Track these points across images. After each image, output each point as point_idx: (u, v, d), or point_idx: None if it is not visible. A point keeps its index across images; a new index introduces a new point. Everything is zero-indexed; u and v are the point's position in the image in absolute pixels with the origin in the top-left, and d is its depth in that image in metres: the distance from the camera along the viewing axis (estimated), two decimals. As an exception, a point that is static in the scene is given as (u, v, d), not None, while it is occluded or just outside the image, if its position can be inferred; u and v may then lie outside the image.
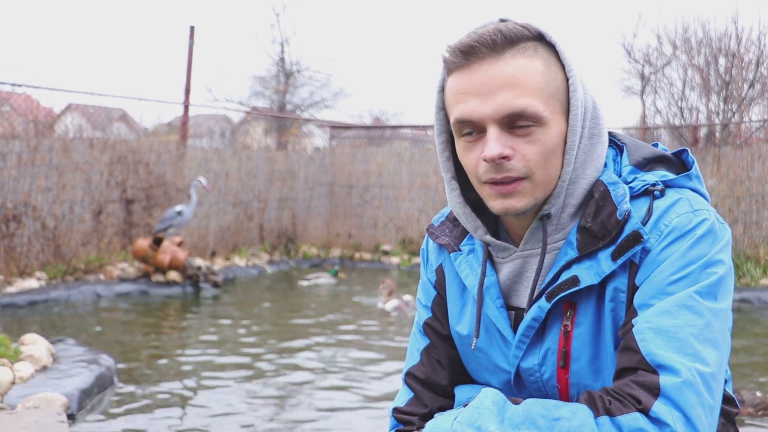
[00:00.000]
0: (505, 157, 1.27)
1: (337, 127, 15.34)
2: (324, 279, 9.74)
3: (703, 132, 12.64)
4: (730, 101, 12.50)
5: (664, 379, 1.18)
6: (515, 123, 1.28)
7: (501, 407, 1.23)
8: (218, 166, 11.06)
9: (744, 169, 10.32)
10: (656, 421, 1.16)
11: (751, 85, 12.42)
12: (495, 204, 1.32)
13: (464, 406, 1.30)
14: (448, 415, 1.28)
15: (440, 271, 1.55)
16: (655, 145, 1.45)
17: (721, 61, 12.78)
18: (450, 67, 1.33)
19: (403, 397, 1.57)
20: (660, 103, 14.24)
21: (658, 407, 1.17)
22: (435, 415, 1.34)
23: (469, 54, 1.29)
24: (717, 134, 12.39)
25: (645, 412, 1.17)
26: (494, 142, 1.27)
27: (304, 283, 9.69)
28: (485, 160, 1.28)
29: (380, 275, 10.68)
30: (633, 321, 1.26)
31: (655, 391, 1.18)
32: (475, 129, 1.30)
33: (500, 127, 1.28)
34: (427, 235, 1.59)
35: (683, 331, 1.21)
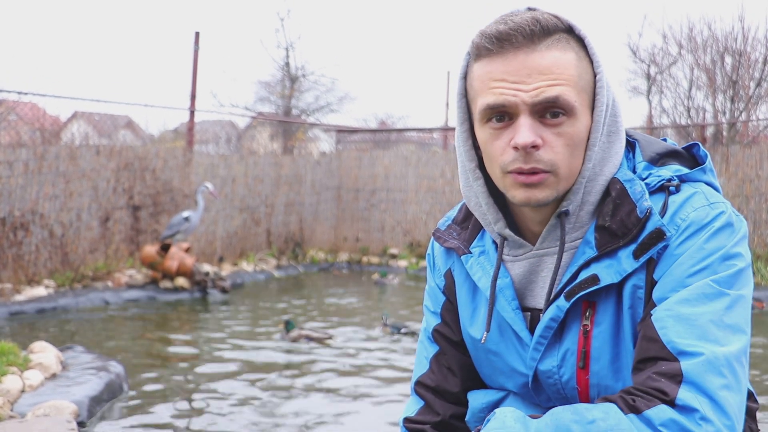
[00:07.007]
0: (535, 146, 1.25)
1: (343, 131, 15.34)
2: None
3: (710, 131, 12.58)
4: (737, 100, 12.44)
5: (686, 365, 1.16)
6: (546, 112, 1.26)
7: (524, 424, 1.20)
8: (225, 171, 11.06)
9: (753, 168, 10.28)
10: (683, 408, 1.14)
11: (758, 84, 12.35)
12: (517, 194, 1.29)
13: None
14: None
15: (449, 276, 1.52)
16: (664, 140, 1.43)
17: (728, 59, 12.71)
18: (480, 53, 1.30)
19: (413, 406, 1.54)
20: (666, 103, 14.20)
21: (683, 394, 1.14)
22: None
23: (504, 42, 1.26)
24: (724, 133, 12.34)
25: (671, 402, 1.15)
26: (527, 130, 1.25)
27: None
28: (515, 147, 1.26)
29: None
30: (652, 311, 1.24)
31: (678, 378, 1.16)
32: (505, 116, 1.28)
33: (532, 115, 1.26)
34: (432, 239, 1.56)
35: (703, 317, 1.19)
